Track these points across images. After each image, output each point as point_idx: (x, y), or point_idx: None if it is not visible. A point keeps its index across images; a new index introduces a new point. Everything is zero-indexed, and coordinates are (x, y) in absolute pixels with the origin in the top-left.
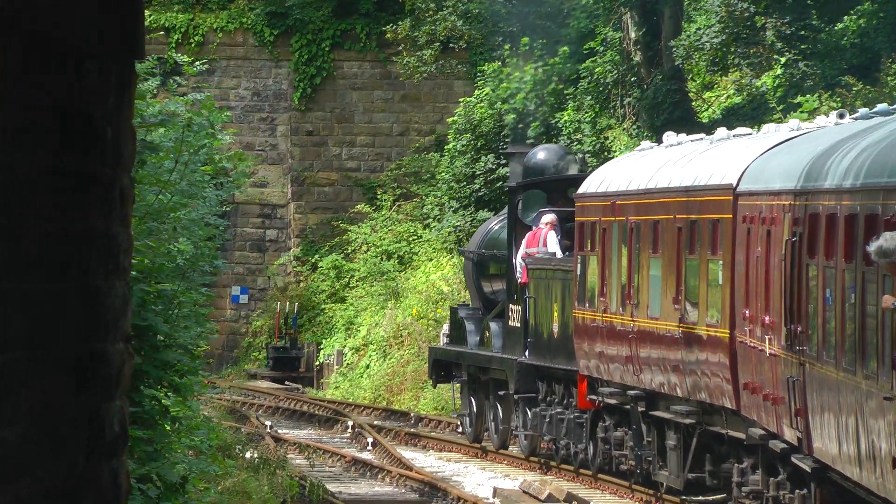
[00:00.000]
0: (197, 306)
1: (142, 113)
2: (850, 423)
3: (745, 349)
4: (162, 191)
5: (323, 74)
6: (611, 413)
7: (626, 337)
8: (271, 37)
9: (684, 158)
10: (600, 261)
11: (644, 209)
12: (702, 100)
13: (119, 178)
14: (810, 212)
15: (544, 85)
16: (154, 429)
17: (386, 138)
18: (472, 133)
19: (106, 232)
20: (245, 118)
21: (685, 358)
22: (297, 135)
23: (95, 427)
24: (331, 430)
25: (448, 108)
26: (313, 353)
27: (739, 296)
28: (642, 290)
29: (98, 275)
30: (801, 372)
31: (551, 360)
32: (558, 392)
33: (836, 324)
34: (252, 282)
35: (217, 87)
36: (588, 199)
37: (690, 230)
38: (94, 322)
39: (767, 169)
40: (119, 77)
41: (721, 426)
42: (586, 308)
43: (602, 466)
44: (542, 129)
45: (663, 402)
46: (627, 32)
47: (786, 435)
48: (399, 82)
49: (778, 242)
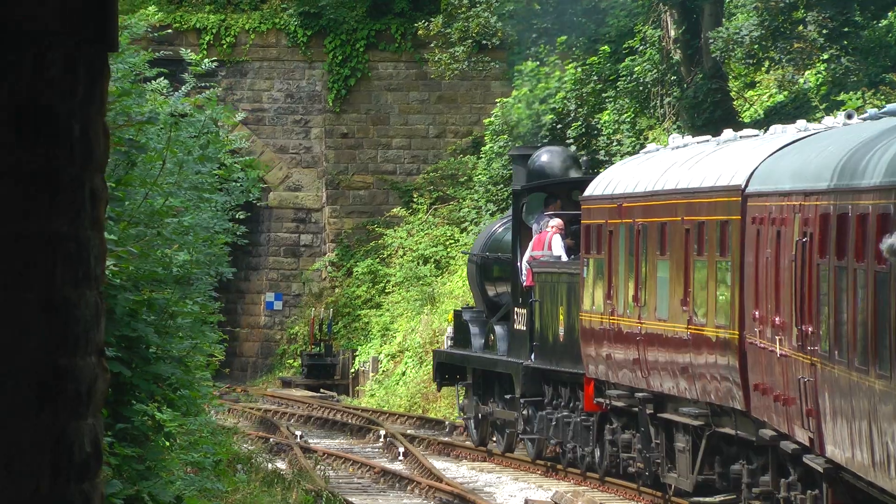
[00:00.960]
0: (201, 315)
1: (129, 111)
2: (863, 423)
3: (755, 350)
4: (150, 193)
5: (357, 75)
6: (618, 416)
7: (634, 339)
8: (304, 37)
9: (691, 160)
10: (607, 263)
11: (651, 211)
12: (743, 99)
13: (89, 179)
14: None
15: (583, 84)
16: (145, 446)
17: (422, 140)
18: (510, 134)
19: (74, 236)
20: (278, 120)
21: (693, 360)
22: (332, 137)
23: (62, 448)
24: (363, 439)
25: (485, 108)
26: (349, 361)
27: (749, 297)
28: (650, 293)
29: (65, 283)
30: (813, 372)
31: (557, 363)
32: (564, 395)
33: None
34: (286, 288)
35: (249, 88)
36: (594, 201)
37: (698, 232)
38: (61, 335)
39: (777, 170)
40: (88, 68)
41: (730, 427)
42: (593, 311)
43: (609, 469)
44: (582, 129)
45: (671, 405)
46: (667, 31)
47: (797, 436)
48: (435, 83)
49: (788, 243)
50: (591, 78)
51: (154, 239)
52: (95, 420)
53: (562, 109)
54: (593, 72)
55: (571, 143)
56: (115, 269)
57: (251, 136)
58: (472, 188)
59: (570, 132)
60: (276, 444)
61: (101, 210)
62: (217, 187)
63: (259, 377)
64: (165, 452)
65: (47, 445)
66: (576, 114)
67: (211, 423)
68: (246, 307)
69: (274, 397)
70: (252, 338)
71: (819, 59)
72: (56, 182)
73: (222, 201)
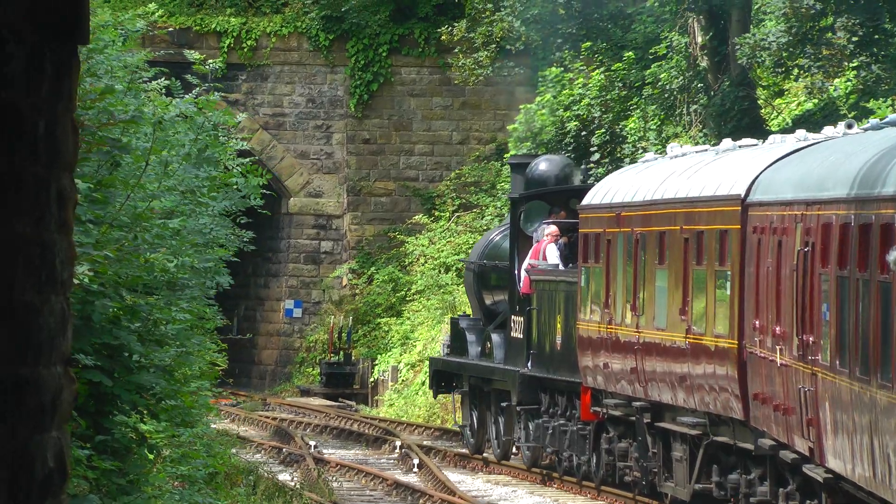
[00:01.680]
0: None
1: (112, 109)
2: (864, 434)
3: (755, 360)
4: (132, 195)
5: (380, 80)
6: (615, 425)
7: (632, 348)
8: (327, 41)
9: (690, 169)
10: (605, 272)
11: (650, 220)
12: (771, 107)
13: (56, 179)
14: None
15: (608, 91)
16: (127, 459)
17: (445, 146)
18: (533, 141)
19: (37, 239)
20: (299, 126)
21: (692, 369)
22: (354, 143)
23: (22, 463)
24: (378, 450)
25: (509, 115)
26: (368, 369)
27: (749, 306)
28: (648, 302)
29: (27, 288)
30: (814, 382)
31: (554, 371)
32: (561, 404)
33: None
34: (306, 295)
35: (270, 93)
36: (592, 210)
37: (697, 241)
38: (21, 343)
39: (778, 179)
40: (55, 63)
41: (728, 437)
42: (590, 320)
43: (605, 478)
44: (607, 136)
45: (669, 414)
46: (694, 37)
47: (797, 445)
48: (459, 89)
49: (790, 253)
50: (615, 84)
51: (135, 243)
52: (61, 433)
53: (586, 116)
54: (618, 78)
55: (595, 150)
56: (92, 274)
57: (271, 140)
58: (495, 195)
59: (594, 139)
60: (288, 454)
61: (68, 212)
62: (215, 191)
63: (278, 385)
64: (149, 466)
65: (4, 461)
66: (600, 121)
67: (208, 434)
68: (265, 314)
69: (291, 406)
70: (271, 345)
71: (849, 67)
72: (18, 182)
73: (221, 206)
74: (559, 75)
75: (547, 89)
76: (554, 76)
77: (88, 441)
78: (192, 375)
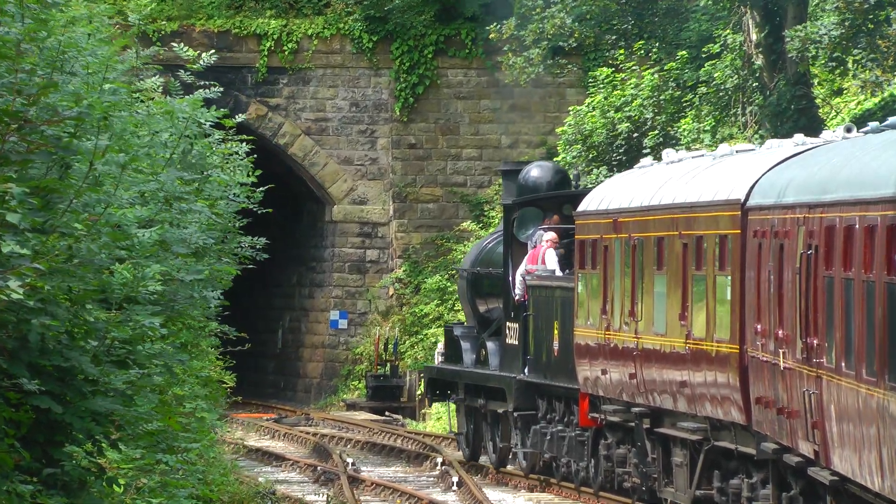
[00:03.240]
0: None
1: (56, 106)
2: (872, 434)
3: (757, 364)
4: (75, 201)
5: (426, 83)
6: (613, 431)
7: (631, 354)
8: (370, 43)
9: (688, 175)
10: (602, 278)
11: (648, 226)
12: (829, 106)
13: None
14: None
15: (661, 91)
16: (81, 493)
17: (494, 151)
18: (583, 144)
19: None
20: (343, 130)
21: (692, 374)
22: (399, 148)
23: None
24: (419, 467)
25: (560, 118)
26: (415, 382)
27: (750, 311)
28: (646, 308)
29: None
30: (819, 385)
31: (552, 378)
32: (559, 410)
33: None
34: (351, 305)
35: (312, 97)
36: (589, 216)
37: (697, 246)
38: None
39: (779, 183)
40: None
41: (730, 442)
42: (588, 326)
43: (604, 484)
44: (660, 138)
45: (668, 419)
46: (748, 35)
47: (801, 448)
48: (507, 91)
49: (792, 256)
50: (668, 84)
51: (89, 255)
52: None
53: (638, 118)
54: (671, 78)
55: (648, 152)
56: (27, 288)
57: (314, 146)
58: None
59: (646, 141)
60: (323, 472)
61: None
62: (198, 196)
63: (323, 399)
64: (113, 499)
65: None
66: (653, 122)
67: (207, 458)
68: (310, 326)
69: (336, 421)
70: (316, 358)
71: None
72: None
73: (206, 215)
74: (610, 76)
75: (598, 90)
76: (605, 77)
77: (35, 474)
78: (188, 395)
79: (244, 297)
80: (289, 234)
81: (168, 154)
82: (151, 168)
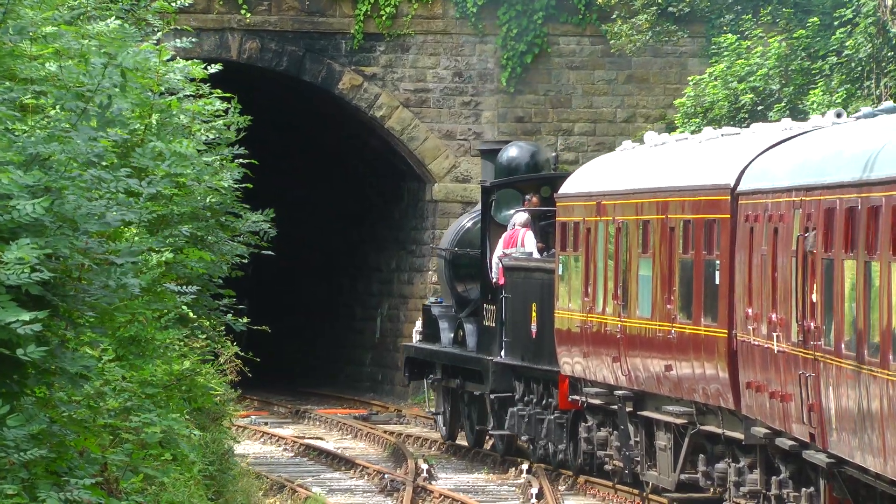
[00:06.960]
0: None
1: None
2: (874, 414)
3: (747, 348)
4: None
5: (535, 51)
6: (594, 413)
7: (614, 338)
8: (475, 8)
9: (673, 158)
10: (584, 261)
11: (633, 209)
12: None
13: None
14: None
15: (789, 61)
16: None
17: (608, 125)
18: (703, 117)
19: None
20: (444, 102)
21: (678, 358)
22: (506, 121)
23: None
24: (504, 473)
25: (681, 89)
26: None
27: (740, 294)
28: (631, 291)
29: None
30: (816, 368)
31: (530, 360)
32: (537, 392)
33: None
34: None
35: (412, 66)
36: (571, 199)
37: (684, 230)
38: None
39: (774, 167)
40: None
41: (716, 426)
42: (570, 308)
43: (583, 467)
44: (786, 111)
45: (652, 403)
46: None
47: (795, 432)
48: (624, 60)
49: (787, 239)
50: (798, 53)
51: None
52: None
53: (763, 88)
54: (800, 46)
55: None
56: None
57: (413, 119)
58: None
59: (771, 115)
60: (391, 481)
61: None
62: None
63: (421, 394)
64: None
65: None
66: (779, 94)
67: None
68: (409, 314)
69: (428, 419)
70: None
71: None
72: None
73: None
74: (735, 42)
75: (721, 59)
76: (730, 44)
77: None
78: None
79: (343, 281)
80: (388, 214)
81: (81, 108)
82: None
